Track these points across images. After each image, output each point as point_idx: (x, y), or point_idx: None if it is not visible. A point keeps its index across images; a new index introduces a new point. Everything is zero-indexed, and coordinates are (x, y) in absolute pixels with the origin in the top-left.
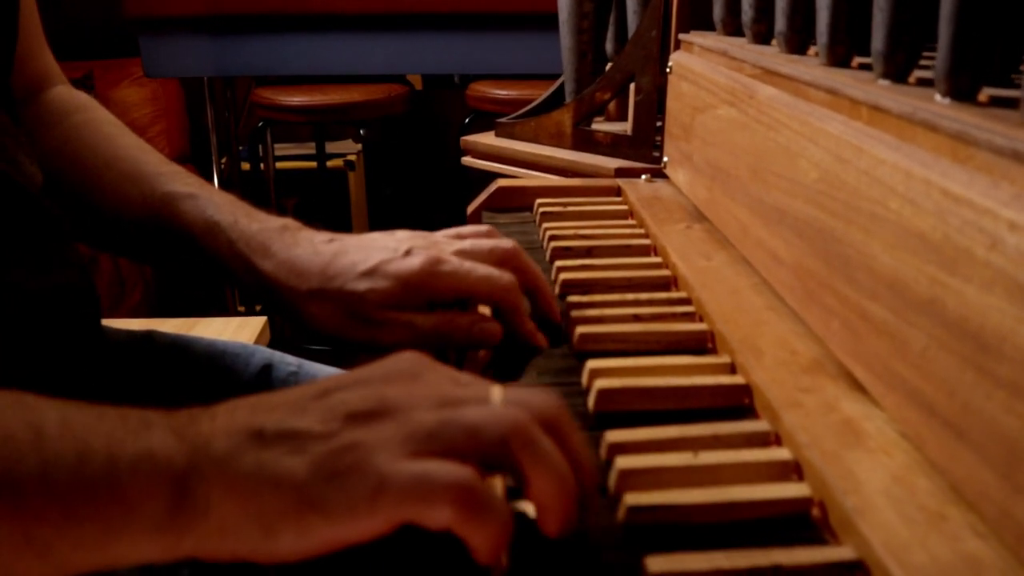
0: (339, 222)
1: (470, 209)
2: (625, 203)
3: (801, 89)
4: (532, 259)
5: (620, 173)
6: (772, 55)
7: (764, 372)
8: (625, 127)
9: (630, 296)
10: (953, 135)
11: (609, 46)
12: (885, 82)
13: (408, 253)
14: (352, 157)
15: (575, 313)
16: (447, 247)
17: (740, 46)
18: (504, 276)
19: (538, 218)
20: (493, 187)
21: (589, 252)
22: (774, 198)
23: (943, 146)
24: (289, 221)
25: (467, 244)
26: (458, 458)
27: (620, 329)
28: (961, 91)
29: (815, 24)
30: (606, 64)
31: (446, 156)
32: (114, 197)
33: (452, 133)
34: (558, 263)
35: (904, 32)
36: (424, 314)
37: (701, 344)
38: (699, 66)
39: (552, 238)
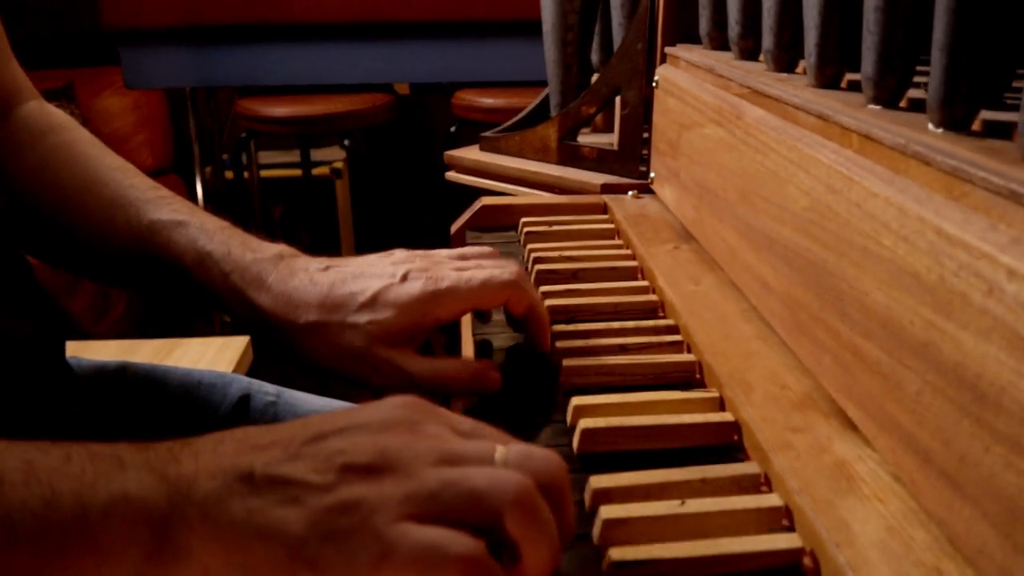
0: (326, 230)
1: (454, 228)
2: (612, 221)
3: (790, 112)
4: (532, 287)
5: (606, 189)
6: (759, 74)
7: (754, 409)
8: (611, 139)
9: (616, 325)
10: (948, 171)
11: (595, 57)
12: (876, 107)
13: (406, 278)
14: (338, 165)
15: (561, 344)
16: (446, 265)
17: (727, 63)
18: (505, 272)
19: (523, 238)
20: (477, 205)
21: (575, 275)
22: (763, 223)
23: (937, 182)
24: (284, 248)
25: (467, 264)
26: (455, 522)
27: (606, 361)
28: (955, 121)
29: (803, 40)
30: (592, 75)
31: (432, 163)
32: (98, 225)
33: (438, 141)
34: (543, 288)
35: (895, 56)
36: (424, 360)
37: (689, 376)
38: (685, 82)
39: (537, 260)
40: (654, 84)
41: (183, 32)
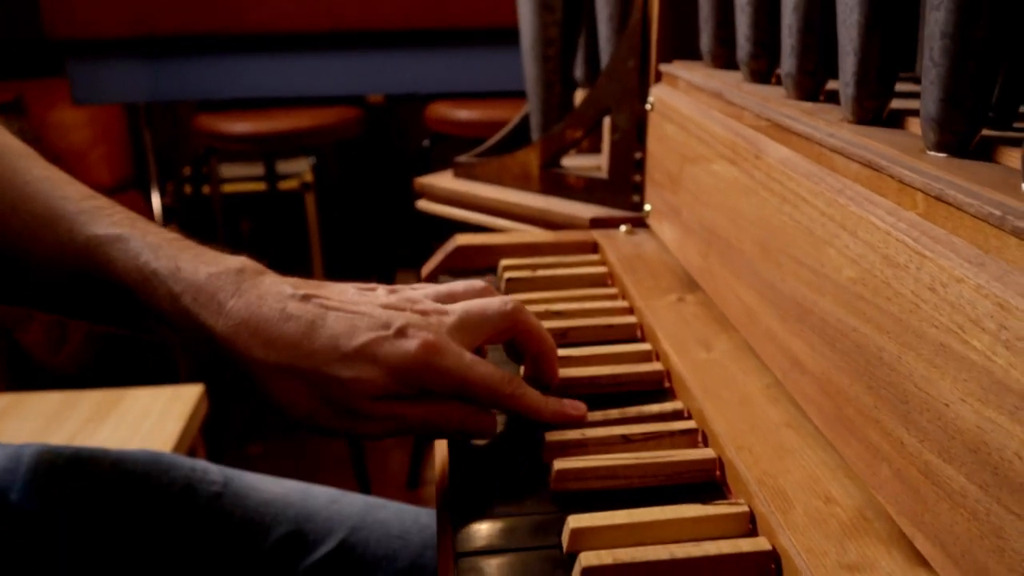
0: (295, 246)
1: (425, 271)
2: (603, 263)
3: (825, 155)
4: (533, 318)
5: (596, 224)
6: (779, 102)
7: (795, 534)
8: (599, 161)
9: (615, 412)
10: None
11: (579, 71)
12: (939, 155)
13: (402, 333)
14: (308, 178)
15: (552, 436)
16: (444, 321)
17: (736, 86)
18: (508, 384)
19: (503, 285)
20: (451, 246)
21: (564, 335)
22: (792, 288)
23: None
24: (246, 262)
25: (462, 315)
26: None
27: (607, 462)
28: None
29: (830, 61)
30: (575, 89)
31: (404, 179)
32: (25, 245)
33: (411, 155)
34: None
35: (966, 94)
36: (413, 404)
37: (709, 476)
38: (687, 107)
39: None
40: (648, 106)
41: (136, 43)
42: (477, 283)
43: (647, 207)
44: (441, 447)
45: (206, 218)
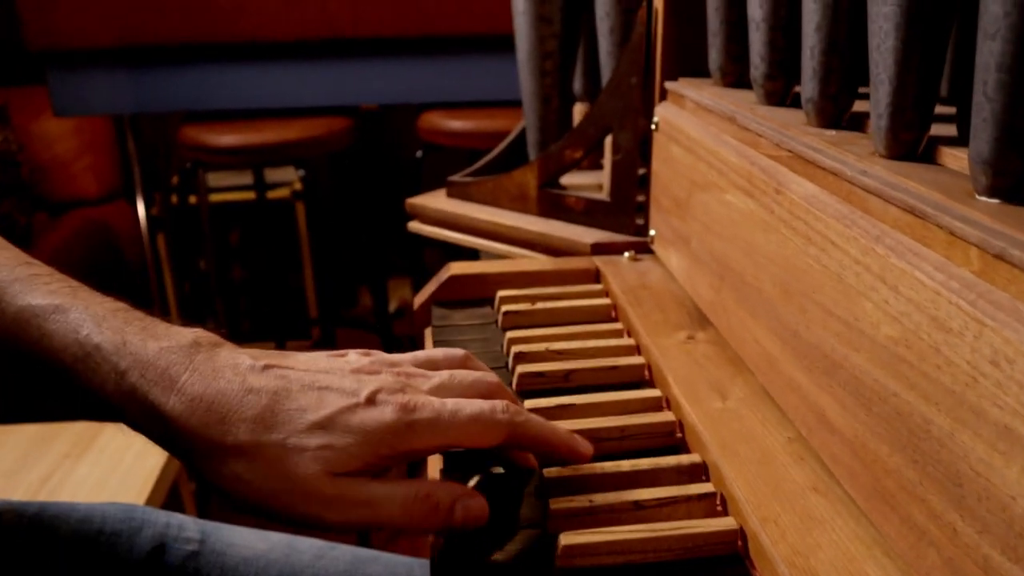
0: (286, 256)
1: (417, 301)
2: (607, 294)
3: (857, 194)
4: (515, 397)
5: (598, 249)
6: (799, 130)
7: None
8: (599, 178)
9: (627, 467)
10: None
11: (577, 84)
12: (992, 200)
13: (372, 400)
14: (298, 187)
15: (557, 504)
16: (419, 385)
17: (750, 109)
18: (497, 413)
19: (500, 319)
20: (445, 275)
21: (567, 379)
22: (818, 337)
23: None
24: (201, 334)
25: (443, 378)
26: None
27: (620, 536)
28: None
29: (854, 84)
30: (573, 104)
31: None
32: None
33: (403, 165)
34: (529, 404)
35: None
36: (391, 484)
37: (730, 549)
38: (695, 129)
39: (519, 358)
40: (653, 126)
41: (119, 53)
42: (458, 351)
43: (652, 232)
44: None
45: (194, 229)
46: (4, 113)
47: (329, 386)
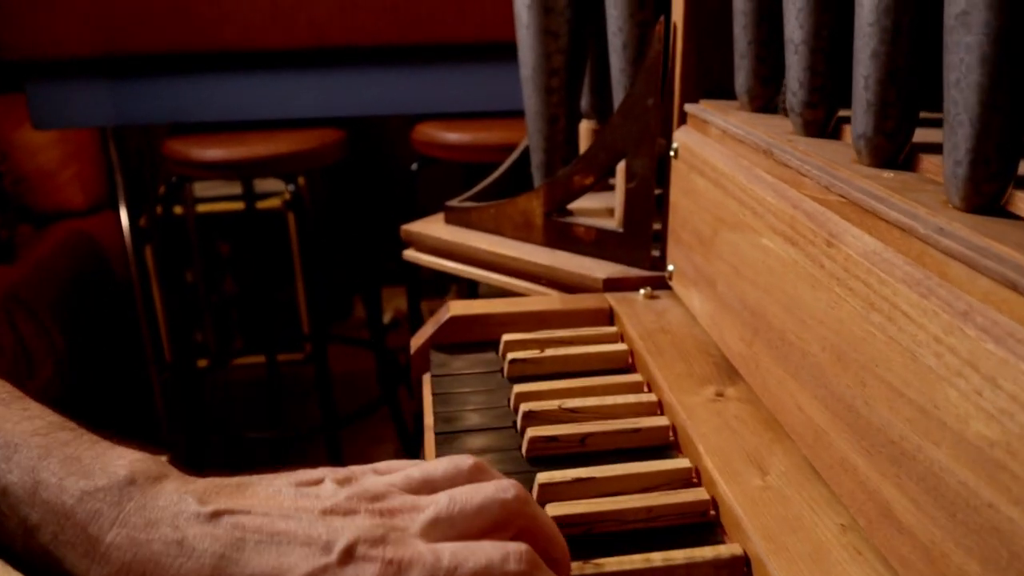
0: (278, 268)
1: (415, 345)
2: (622, 337)
3: (931, 256)
4: (542, 512)
5: (610, 285)
6: (851, 170)
7: None
8: (609, 201)
9: (658, 559)
10: None
11: (584, 101)
12: None
13: (349, 556)
14: (289, 196)
15: None
16: (413, 522)
17: (789, 141)
18: (510, 565)
19: (506, 368)
20: (444, 316)
21: (583, 443)
22: (883, 418)
23: None
24: (139, 465)
25: (439, 508)
26: None
27: None
28: None
29: (913, 117)
30: (580, 120)
31: (391, 200)
32: None
33: (397, 175)
34: (542, 477)
35: None
36: None
37: None
38: (723, 161)
39: (529, 418)
40: (672, 153)
41: (99, 63)
42: (464, 460)
43: (670, 267)
44: None
45: (183, 240)
46: None
47: (293, 538)
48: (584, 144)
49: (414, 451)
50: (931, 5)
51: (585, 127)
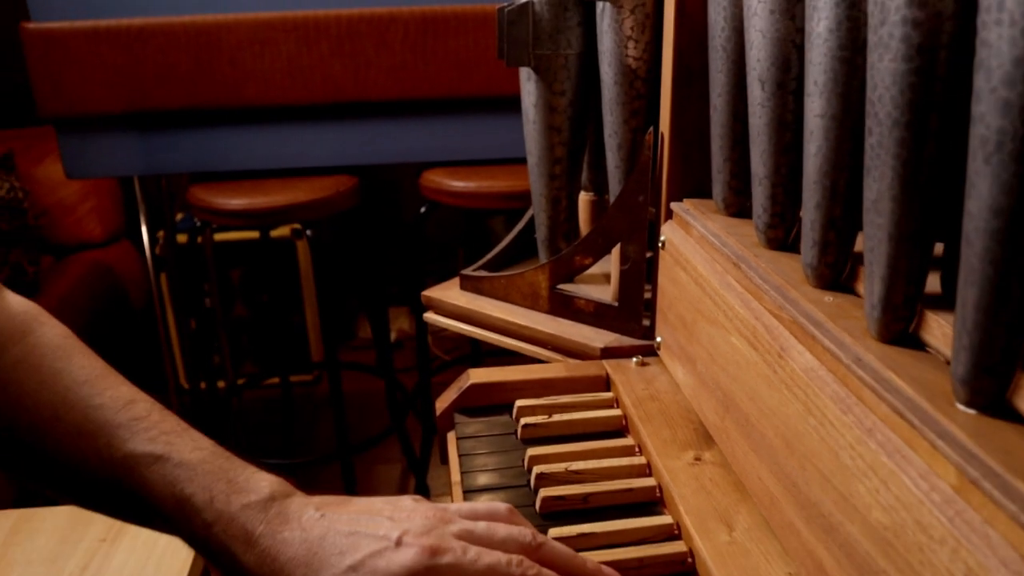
0: (287, 294)
1: (439, 408)
2: (617, 404)
3: (852, 380)
4: (563, 550)
5: (607, 353)
6: (800, 291)
7: None
8: (605, 267)
9: None
10: None
11: (584, 176)
12: (970, 411)
13: (400, 542)
14: (298, 224)
15: None
16: (450, 528)
17: (755, 255)
18: (512, 567)
19: (520, 431)
20: (466, 384)
21: (585, 501)
22: (817, 497)
23: None
24: (276, 487)
25: (476, 526)
26: None
27: None
28: None
29: (850, 250)
30: (580, 177)
31: (399, 238)
32: (67, 453)
33: (406, 216)
34: (553, 532)
35: (996, 351)
36: None
37: None
38: (702, 264)
39: (541, 480)
40: (660, 245)
41: (128, 118)
42: (501, 506)
43: (659, 339)
44: None
45: (198, 267)
46: (10, 161)
47: (365, 530)
48: (583, 213)
49: (421, 471)
50: (860, 173)
51: (584, 199)
